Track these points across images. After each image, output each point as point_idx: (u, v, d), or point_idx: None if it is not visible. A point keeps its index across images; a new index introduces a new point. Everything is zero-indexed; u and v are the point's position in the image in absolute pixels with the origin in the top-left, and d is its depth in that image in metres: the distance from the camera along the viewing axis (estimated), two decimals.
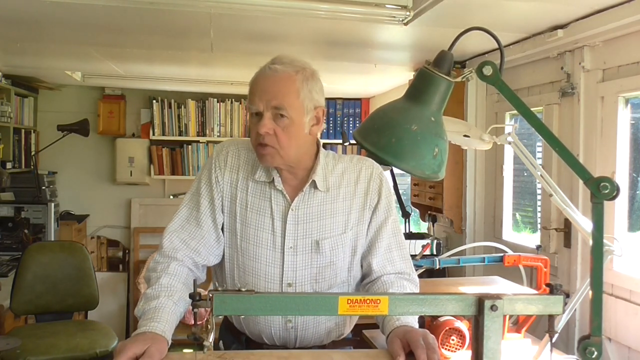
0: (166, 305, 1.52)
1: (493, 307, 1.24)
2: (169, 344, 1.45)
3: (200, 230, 1.68)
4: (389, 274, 1.73)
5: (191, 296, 1.22)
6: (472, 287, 2.74)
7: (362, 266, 1.77)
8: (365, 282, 1.77)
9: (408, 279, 1.75)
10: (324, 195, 1.69)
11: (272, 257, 1.66)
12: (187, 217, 1.70)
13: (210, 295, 1.22)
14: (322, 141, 1.82)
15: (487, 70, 1.24)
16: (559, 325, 1.90)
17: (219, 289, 1.23)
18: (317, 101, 1.66)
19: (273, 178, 1.67)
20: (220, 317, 1.25)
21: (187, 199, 1.74)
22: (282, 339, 1.71)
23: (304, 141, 1.66)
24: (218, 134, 5.79)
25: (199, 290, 1.26)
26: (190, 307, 1.25)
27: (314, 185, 1.68)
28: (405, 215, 4.05)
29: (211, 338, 1.29)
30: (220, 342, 1.82)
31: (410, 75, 4.19)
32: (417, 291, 1.76)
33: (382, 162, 1.63)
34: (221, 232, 1.71)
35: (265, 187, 1.69)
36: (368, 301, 1.23)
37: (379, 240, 1.73)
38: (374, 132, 1.29)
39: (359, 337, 2.43)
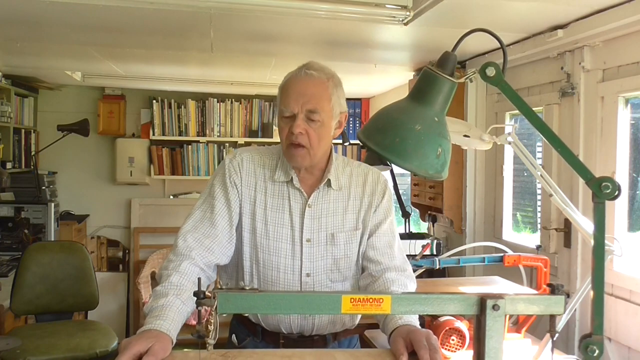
0: (173, 304, 1.53)
1: (495, 307, 1.24)
2: (174, 342, 1.46)
3: (214, 230, 1.73)
4: (390, 270, 1.78)
5: (195, 294, 1.22)
6: (472, 287, 2.75)
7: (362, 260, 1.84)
8: (364, 275, 1.82)
9: (408, 276, 1.81)
10: (337, 193, 1.81)
11: (292, 250, 1.76)
12: (200, 218, 1.75)
13: (214, 293, 1.22)
14: None
15: (490, 72, 1.24)
16: (559, 325, 1.90)
17: (223, 287, 1.23)
18: (342, 107, 1.78)
19: (292, 177, 1.77)
20: (224, 315, 1.25)
21: (199, 203, 1.79)
22: (300, 326, 1.78)
23: (329, 142, 1.78)
24: (218, 134, 5.79)
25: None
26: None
27: (328, 183, 1.80)
28: (405, 215, 4.05)
29: (212, 337, 1.29)
30: (233, 336, 1.87)
31: (410, 75, 4.19)
32: (415, 287, 1.82)
33: (386, 162, 1.63)
34: (234, 233, 1.77)
35: (284, 186, 1.79)
36: (371, 300, 1.24)
37: (376, 235, 1.82)
38: (378, 132, 1.29)
39: (365, 326, 2.44)
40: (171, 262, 1.66)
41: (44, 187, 5.12)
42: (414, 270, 2.45)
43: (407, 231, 4.04)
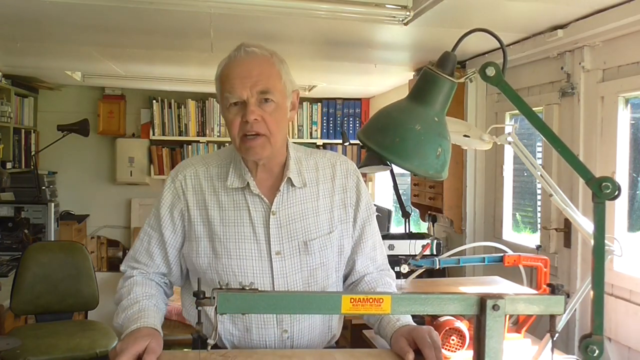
0: (149, 306, 1.53)
1: (495, 307, 1.24)
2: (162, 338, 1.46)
3: (152, 262, 1.66)
4: (371, 273, 1.73)
5: (195, 294, 1.22)
6: (472, 287, 2.75)
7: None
8: (348, 282, 1.74)
9: (388, 274, 1.76)
10: (303, 192, 1.61)
11: (260, 267, 1.56)
12: (139, 248, 1.67)
13: (214, 294, 1.22)
14: (322, 141, 1.81)
15: (490, 72, 1.24)
16: (559, 325, 1.90)
17: (223, 287, 1.23)
18: (294, 84, 1.60)
19: (248, 182, 1.57)
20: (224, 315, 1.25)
21: (141, 230, 1.69)
22: (278, 349, 1.60)
23: (286, 127, 1.61)
24: (218, 134, 5.80)
25: None
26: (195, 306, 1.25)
27: (290, 182, 1.60)
28: (405, 215, 4.05)
29: (212, 337, 1.29)
30: None
31: (410, 75, 4.19)
32: (395, 285, 1.77)
33: (386, 162, 1.62)
34: (172, 266, 1.66)
35: (239, 195, 1.58)
36: (371, 300, 1.23)
37: (364, 240, 1.70)
38: (378, 131, 1.29)
39: (346, 346, 2.40)
40: (126, 281, 1.63)
41: (44, 187, 5.13)
42: (414, 270, 2.46)
43: (407, 231, 4.03)
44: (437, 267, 2.46)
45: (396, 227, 5.15)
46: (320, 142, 5.89)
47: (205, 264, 1.58)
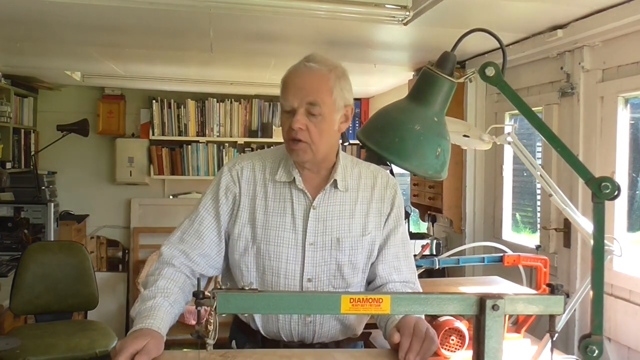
0: (162, 305, 1.53)
1: (495, 307, 1.24)
2: (164, 341, 1.46)
3: (201, 243, 1.70)
4: (395, 282, 1.76)
5: (195, 294, 1.22)
6: (472, 287, 2.74)
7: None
8: (370, 288, 1.79)
9: (413, 287, 1.79)
10: (343, 195, 1.74)
11: (294, 254, 1.69)
12: (187, 229, 1.72)
13: (214, 293, 1.22)
14: None
15: (490, 72, 1.24)
16: (559, 325, 1.90)
17: (223, 287, 1.23)
18: (347, 100, 1.71)
19: (294, 178, 1.70)
20: (224, 315, 1.25)
21: (191, 213, 1.76)
22: (301, 334, 1.72)
23: (333, 137, 1.71)
24: (218, 134, 5.79)
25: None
26: (193, 307, 1.26)
27: (335, 184, 1.73)
28: (405, 215, 4.05)
29: (212, 337, 1.29)
30: (233, 342, 1.81)
31: (409, 75, 4.19)
32: None
33: (386, 162, 1.62)
34: (223, 246, 1.74)
35: (285, 188, 1.72)
36: (370, 300, 1.24)
37: (387, 248, 1.78)
38: (377, 131, 1.29)
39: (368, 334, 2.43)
40: (157, 270, 1.66)
41: (43, 187, 5.13)
42: None
43: (407, 231, 4.03)
44: (437, 267, 2.47)
45: None
46: None
47: (242, 248, 1.71)
